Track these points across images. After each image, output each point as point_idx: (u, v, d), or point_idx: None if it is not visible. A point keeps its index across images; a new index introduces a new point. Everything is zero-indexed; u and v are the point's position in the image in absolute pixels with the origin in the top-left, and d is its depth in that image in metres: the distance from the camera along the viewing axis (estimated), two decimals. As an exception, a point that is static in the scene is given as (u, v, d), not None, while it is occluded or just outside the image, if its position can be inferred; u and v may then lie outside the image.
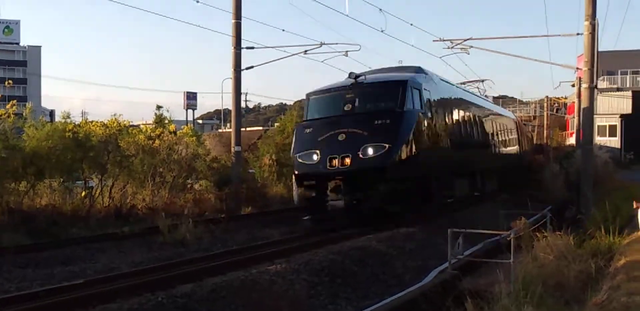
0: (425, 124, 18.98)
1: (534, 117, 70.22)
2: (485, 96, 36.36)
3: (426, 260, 14.34)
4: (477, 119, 26.32)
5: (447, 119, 21.66)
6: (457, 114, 23.22)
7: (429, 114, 19.39)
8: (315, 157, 17.42)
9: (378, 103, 18.66)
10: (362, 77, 19.13)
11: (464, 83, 32.97)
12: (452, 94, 23.59)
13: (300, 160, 17.83)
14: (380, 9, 25.91)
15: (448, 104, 22.17)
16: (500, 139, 31.07)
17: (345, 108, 18.40)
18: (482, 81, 36.40)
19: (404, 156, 17.37)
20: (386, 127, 17.40)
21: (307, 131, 18.49)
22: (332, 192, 17.48)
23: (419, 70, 20.82)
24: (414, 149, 17.84)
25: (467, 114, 24.93)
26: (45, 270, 12.28)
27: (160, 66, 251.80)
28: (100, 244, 15.31)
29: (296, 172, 17.94)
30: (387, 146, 16.91)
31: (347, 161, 16.92)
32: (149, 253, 14.60)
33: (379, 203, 16.90)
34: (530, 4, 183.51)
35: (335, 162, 17.02)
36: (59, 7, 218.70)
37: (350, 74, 19.04)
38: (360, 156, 16.86)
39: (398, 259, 14.09)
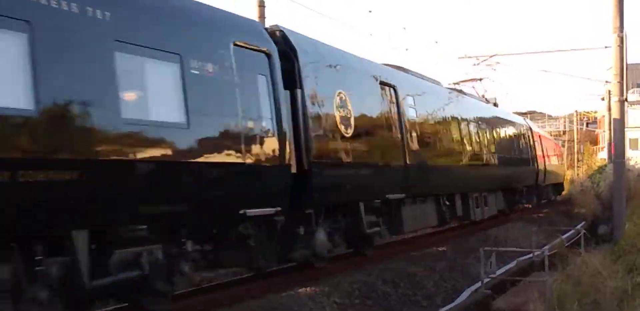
0: None
1: (564, 132, 69.57)
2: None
3: (457, 280, 14.12)
4: None
5: None
6: None
7: None
8: None
9: None
10: None
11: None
12: None
13: None
14: (404, 28, 25.86)
15: None
16: None
17: None
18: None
19: None
20: None
21: None
22: None
23: None
24: None
25: None
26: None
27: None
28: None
29: None
30: None
31: None
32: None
33: None
34: (558, 18, 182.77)
35: None
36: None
37: None
38: None
39: (429, 279, 13.88)
